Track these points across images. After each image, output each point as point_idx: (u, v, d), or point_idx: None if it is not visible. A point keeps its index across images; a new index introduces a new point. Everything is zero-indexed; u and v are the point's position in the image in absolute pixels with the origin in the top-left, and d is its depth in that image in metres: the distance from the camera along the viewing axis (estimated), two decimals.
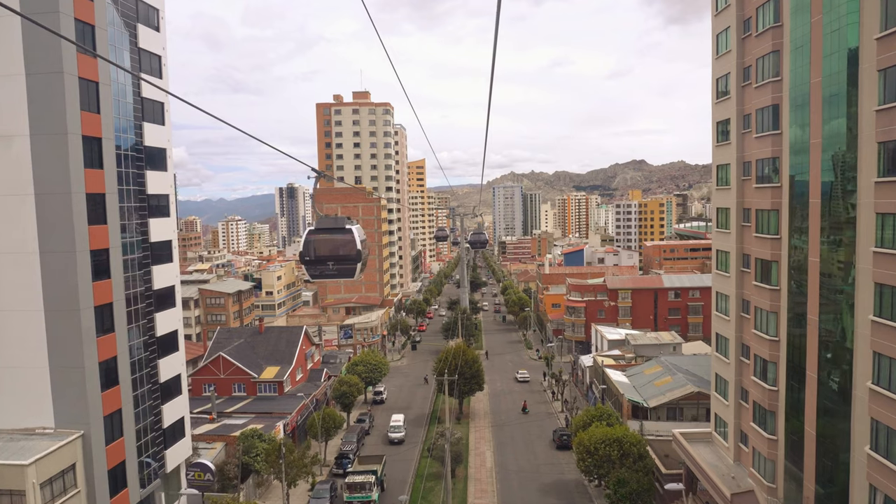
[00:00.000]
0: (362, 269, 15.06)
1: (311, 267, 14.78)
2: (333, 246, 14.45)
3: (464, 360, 70.54)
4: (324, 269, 14.59)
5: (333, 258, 14.38)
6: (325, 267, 14.52)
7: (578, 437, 47.30)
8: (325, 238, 14.52)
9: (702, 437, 45.82)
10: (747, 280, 38.79)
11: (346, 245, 14.46)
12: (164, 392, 42.86)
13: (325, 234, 14.46)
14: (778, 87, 34.33)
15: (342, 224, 14.63)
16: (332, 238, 14.42)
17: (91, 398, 34.99)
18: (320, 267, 14.58)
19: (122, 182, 38.58)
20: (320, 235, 14.48)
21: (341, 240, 14.38)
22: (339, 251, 14.38)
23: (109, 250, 36.80)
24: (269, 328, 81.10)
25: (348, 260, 14.42)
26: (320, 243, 14.48)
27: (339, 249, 14.37)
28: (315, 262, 14.64)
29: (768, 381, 36.06)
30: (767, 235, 35.64)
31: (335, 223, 14.64)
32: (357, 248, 14.44)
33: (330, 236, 14.40)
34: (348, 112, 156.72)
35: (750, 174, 38.03)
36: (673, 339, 77.67)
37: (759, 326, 36.90)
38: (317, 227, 14.69)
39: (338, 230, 14.47)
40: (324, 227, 14.58)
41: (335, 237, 14.42)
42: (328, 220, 14.72)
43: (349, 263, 14.44)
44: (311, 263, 14.61)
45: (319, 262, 14.56)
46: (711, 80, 42.83)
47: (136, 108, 40.33)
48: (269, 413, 61.94)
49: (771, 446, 35.98)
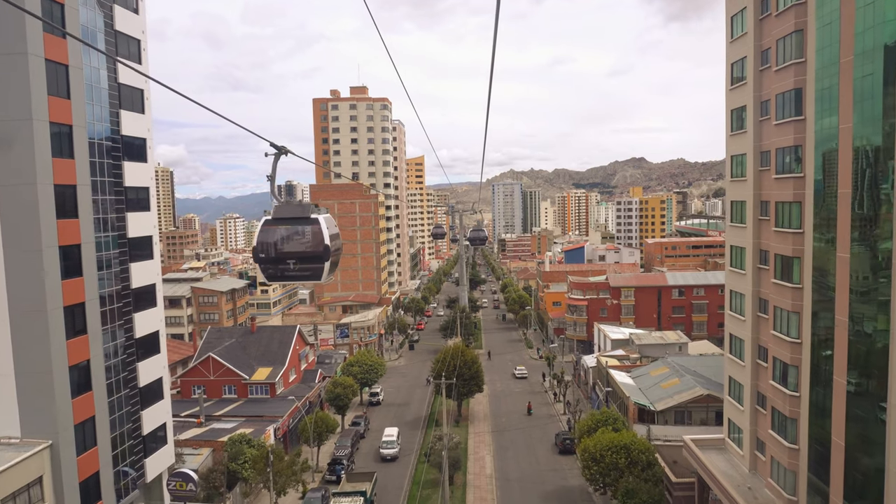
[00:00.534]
0: (332, 269, 11.97)
1: (266, 266, 11.80)
2: (295, 240, 11.55)
3: (462, 361, 68.05)
4: (283, 268, 11.67)
5: (295, 255, 11.57)
6: (284, 266, 11.64)
7: (583, 444, 44.82)
8: (284, 230, 11.62)
9: (714, 443, 43.34)
10: (765, 278, 36.28)
11: (311, 239, 11.54)
12: (143, 397, 40.33)
13: (285, 226, 11.64)
14: (801, 69, 31.78)
15: (307, 212, 11.68)
16: (294, 230, 11.57)
17: (60, 405, 32.46)
18: (279, 266, 11.70)
19: (97, 173, 36.01)
20: (278, 227, 11.67)
21: (305, 232, 11.56)
22: (303, 247, 11.55)
23: (81, 246, 34.23)
24: (261, 327, 78.55)
25: (314, 258, 11.51)
26: (278, 237, 11.62)
27: (302, 244, 11.56)
28: (271, 260, 11.70)
29: (789, 386, 33.57)
30: (789, 230, 33.13)
31: (298, 211, 11.72)
32: (325, 244, 11.49)
33: (291, 228, 11.60)
34: (345, 107, 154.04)
35: (769, 164, 35.50)
36: (679, 338, 75.19)
37: (779, 327, 34.40)
38: (274, 217, 11.78)
39: (301, 220, 11.61)
40: (283, 217, 11.70)
41: (297, 229, 11.57)
42: (289, 207, 11.82)
43: (315, 262, 11.51)
44: (266, 262, 11.76)
45: (277, 260, 11.67)
46: (725, 65, 40.28)
47: (113, 94, 37.74)
48: (260, 416, 59.44)
49: (792, 456, 33.50)
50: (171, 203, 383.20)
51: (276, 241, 11.52)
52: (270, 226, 11.63)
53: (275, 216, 11.68)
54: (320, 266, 11.45)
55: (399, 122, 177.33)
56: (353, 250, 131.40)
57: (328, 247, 11.43)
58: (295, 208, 11.64)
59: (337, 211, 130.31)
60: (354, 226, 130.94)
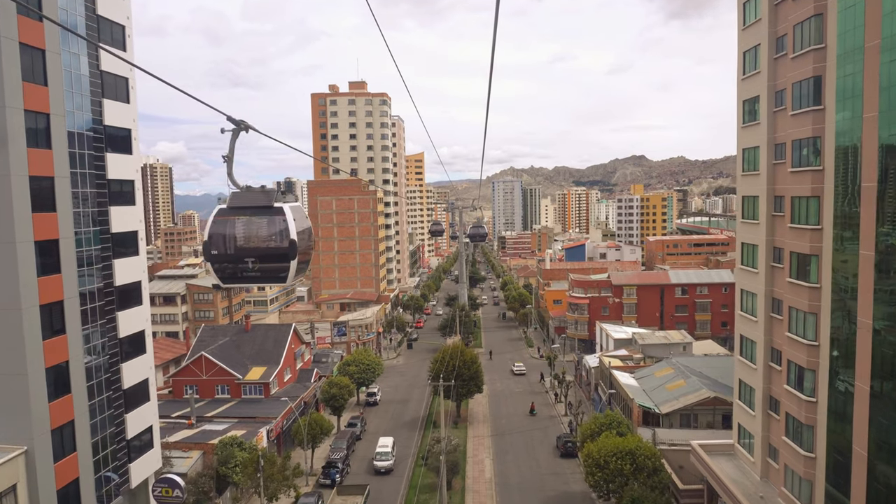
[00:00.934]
0: (301, 269, 9.94)
1: (221, 265, 9.70)
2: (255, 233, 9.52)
3: (462, 361, 66.33)
4: (241, 268, 9.60)
5: (255, 252, 9.52)
6: (242, 266, 9.58)
7: (587, 448, 43.11)
8: (242, 222, 9.56)
9: (723, 449, 41.65)
10: (779, 276, 34.53)
11: (274, 232, 9.53)
12: (128, 399, 38.59)
13: (244, 216, 9.56)
14: (821, 55, 29.99)
15: (270, 199, 9.59)
16: (254, 222, 9.53)
17: (36, 409, 30.71)
18: (236, 266, 9.62)
19: (77, 165, 34.22)
20: (235, 217, 9.61)
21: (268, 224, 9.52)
22: (264, 242, 9.51)
23: (59, 241, 32.45)
24: (256, 326, 76.80)
25: (277, 255, 9.48)
26: (235, 230, 9.57)
27: (263, 239, 9.52)
28: (227, 257, 9.60)
29: (805, 391, 31.85)
30: (806, 226, 31.38)
31: (259, 199, 9.65)
32: (291, 238, 9.49)
33: (250, 219, 9.54)
34: (344, 102, 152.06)
35: (784, 157, 33.73)
36: (683, 338, 73.46)
37: (795, 329, 32.66)
38: (230, 206, 9.68)
39: (263, 210, 9.53)
40: (241, 206, 9.63)
41: (258, 220, 9.53)
42: (248, 194, 9.74)
43: (279, 260, 9.50)
44: (220, 260, 9.66)
45: (233, 257, 9.57)
46: (737, 53, 38.49)
47: (95, 82, 35.91)
48: (253, 418, 57.74)
49: (808, 465, 31.79)
50: (170, 200, 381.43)
51: (233, 234, 9.45)
52: (226, 216, 9.54)
53: (231, 205, 9.63)
54: (285, 266, 9.43)
55: (398, 118, 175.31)
56: (351, 247, 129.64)
57: (294, 242, 9.42)
58: (256, 195, 9.59)
59: (335, 207, 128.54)
60: (353, 222, 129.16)
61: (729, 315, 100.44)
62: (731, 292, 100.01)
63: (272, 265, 9.51)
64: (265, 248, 9.47)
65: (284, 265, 9.49)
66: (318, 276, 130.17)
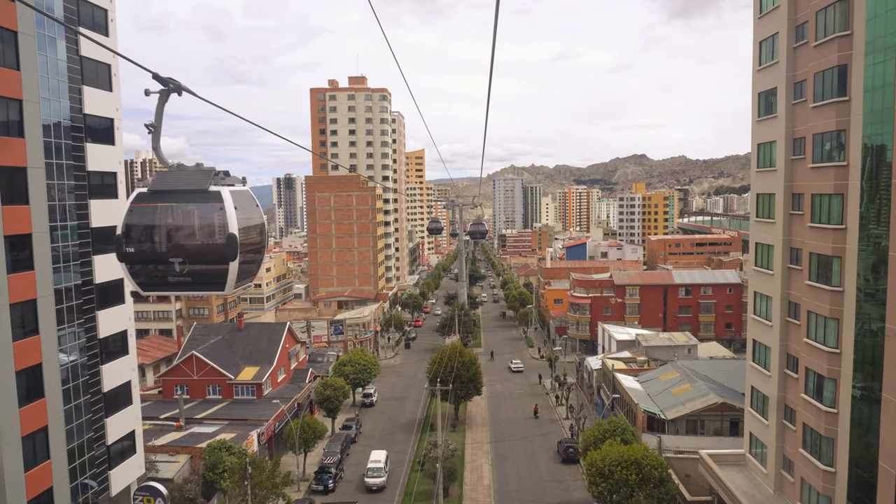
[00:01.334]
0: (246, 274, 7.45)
1: (138, 267, 7.36)
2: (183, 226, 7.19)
3: (461, 362, 64.42)
4: (164, 271, 7.28)
5: (183, 251, 7.20)
6: (166, 268, 7.26)
7: (590, 457, 41.18)
8: (166, 211, 7.23)
9: (733, 459, 39.75)
10: (797, 279, 32.58)
11: (208, 224, 7.16)
12: (108, 403, 36.69)
13: (169, 203, 7.23)
14: (846, 42, 28.02)
15: (205, 182, 7.26)
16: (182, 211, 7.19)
17: (4, 415, 28.80)
18: (157, 268, 7.29)
19: (53, 155, 32.26)
20: (157, 205, 7.28)
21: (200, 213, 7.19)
22: (195, 237, 7.18)
23: (32, 235, 30.52)
24: (249, 324, 74.87)
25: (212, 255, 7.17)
26: (156, 221, 7.25)
27: (193, 234, 7.19)
28: (146, 257, 7.27)
29: (825, 402, 29.92)
30: (828, 225, 29.42)
31: (191, 180, 7.21)
32: (230, 233, 7.12)
33: (177, 207, 7.22)
34: (343, 97, 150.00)
35: (803, 152, 31.76)
36: (688, 340, 71.56)
37: (815, 335, 30.72)
38: (153, 189, 7.38)
39: (194, 195, 7.22)
40: (167, 189, 7.31)
41: (188, 209, 7.19)
42: (178, 174, 7.36)
43: (214, 262, 7.18)
44: (136, 260, 7.33)
45: (153, 257, 7.25)
46: (753, 43, 36.50)
47: (74, 68, 33.94)
48: (244, 420, 55.86)
49: (826, 479, 29.88)
50: None
51: (155, 226, 7.21)
52: (146, 202, 7.26)
53: (154, 188, 7.31)
54: (222, 269, 7.12)
55: (399, 114, 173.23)
56: (349, 244, 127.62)
57: (235, 238, 7.05)
58: (187, 176, 7.28)
59: (333, 203, 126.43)
60: (351, 219, 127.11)
61: (733, 316, 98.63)
62: (736, 293, 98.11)
63: (206, 268, 7.11)
64: (197, 246, 7.08)
65: (221, 268, 7.08)
66: (315, 273, 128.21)
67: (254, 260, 7.63)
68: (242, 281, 7.41)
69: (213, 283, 7.22)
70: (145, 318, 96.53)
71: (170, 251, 7.22)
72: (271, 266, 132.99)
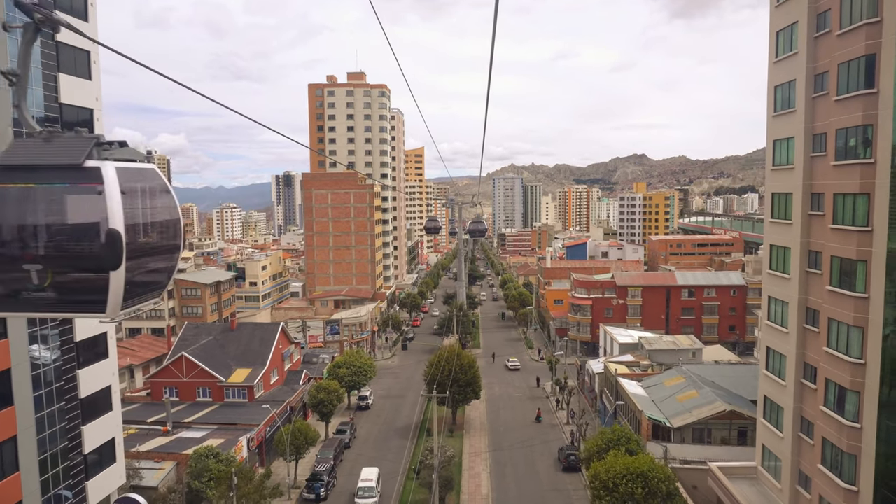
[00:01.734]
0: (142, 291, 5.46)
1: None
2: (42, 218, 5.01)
3: (459, 365, 62.46)
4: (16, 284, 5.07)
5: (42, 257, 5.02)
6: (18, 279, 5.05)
7: (594, 468, 39.23)
8: (21, 195, 5.00)
9: (743, 472, 37.83)
10: (816, 284, 30.63)
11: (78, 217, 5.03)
12: (85, 410, 34.64)
13: (27, 184, 4.99)
14: (874, 30, 26.05)
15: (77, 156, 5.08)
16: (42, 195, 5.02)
17: None
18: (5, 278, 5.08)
19: None
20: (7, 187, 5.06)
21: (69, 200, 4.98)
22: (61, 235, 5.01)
23: None
24: (241, 324, 72.89)
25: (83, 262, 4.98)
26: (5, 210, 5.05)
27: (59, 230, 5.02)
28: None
29: (847, 415, 27.99)
30: (852, 227, 27.47)
31: (58, 152, 5.13)
32: (110, 229, 4.95)
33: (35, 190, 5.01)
34: (342, 93, 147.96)
35: (824, 149, 29.80)
36: (692, 343, 69.65)
37: (835, 344, 28.78)
38: (4, 164, 5.14)
39: (61, 172, 5.04)
40: (24, 164, 5.07)
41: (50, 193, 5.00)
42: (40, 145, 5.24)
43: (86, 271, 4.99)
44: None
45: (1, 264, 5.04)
46: (769, 34, 34.52)
47: (48, 54, 31.93)
48: (234, 424, 53.94)
49: (848, 498, 27.95)
50: None
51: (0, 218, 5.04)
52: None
53: (5, 161, 5.15)
54: (100, 280, 5.00)
55: (398, 111, 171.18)
56: (347, 242, 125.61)
57: (117, 236, 4.94)
58: (56, 146, 5.19)
59: (331, 201, 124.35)
60: (349, 217, 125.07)
61: (737, 319, 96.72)
62: (740, 295, 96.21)
63: (77, 279, 5.03)
64: (63, 247, 5.00)
65: (100, 279, 4.99)
66: (312, 271, 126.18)
67: (158, 269, 5.54)
68: (138, 298, 5.32)
69: (88, 301, 5.10)
70: (137, 317, 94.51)
71: (25, 254, 5.07)
72: (267, 264, 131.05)
